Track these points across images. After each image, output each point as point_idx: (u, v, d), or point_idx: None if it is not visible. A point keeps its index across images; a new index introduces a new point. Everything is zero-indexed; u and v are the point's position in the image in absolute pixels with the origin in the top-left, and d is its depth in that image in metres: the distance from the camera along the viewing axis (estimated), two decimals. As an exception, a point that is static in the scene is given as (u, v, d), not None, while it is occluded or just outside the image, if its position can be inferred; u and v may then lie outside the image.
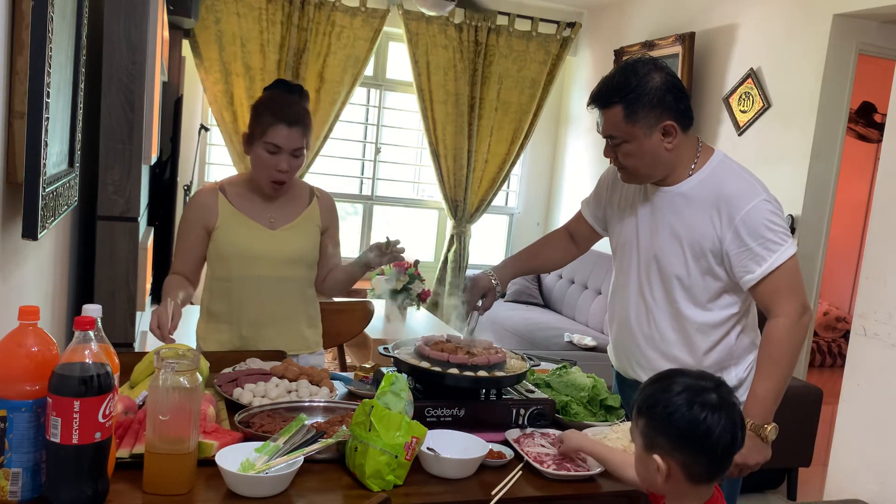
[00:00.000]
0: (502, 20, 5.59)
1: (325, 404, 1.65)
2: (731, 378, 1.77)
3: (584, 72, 5.87)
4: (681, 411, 1.19)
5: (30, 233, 1.26)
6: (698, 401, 1.19)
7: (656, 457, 1.21)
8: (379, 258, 2.00)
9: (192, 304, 2.14)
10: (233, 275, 2.05)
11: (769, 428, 1.65)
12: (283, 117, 1.96)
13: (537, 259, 2.12)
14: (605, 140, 1.77)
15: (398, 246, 1.99)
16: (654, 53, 4.77)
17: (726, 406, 1.20)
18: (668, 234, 1.76)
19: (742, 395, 1.74)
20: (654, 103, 1.66)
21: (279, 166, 1.98)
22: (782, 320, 1.67)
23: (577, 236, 2.10)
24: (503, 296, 5.52)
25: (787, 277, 1.67)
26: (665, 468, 1.20)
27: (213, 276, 2.10)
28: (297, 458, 1.29)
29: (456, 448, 1.46)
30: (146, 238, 2.56)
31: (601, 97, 1.72)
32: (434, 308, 5.74)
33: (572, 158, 5.96)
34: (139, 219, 2.36)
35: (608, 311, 1.98)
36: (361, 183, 5.82)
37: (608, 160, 1.81)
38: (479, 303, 1.97)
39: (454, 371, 1.62)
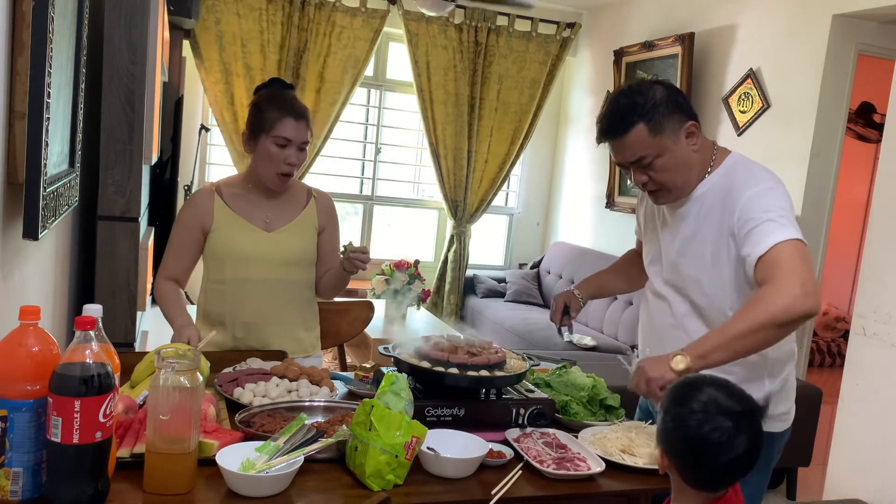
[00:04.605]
0: (502, 20, 5.59)
1: (326, 404, 1.66)
2: (761, 389, 1.68)
3: (583, 72, 5.87)
4: (687, 422, 1.17)
5: (30, 233, 1.26)
6: (709, 419, 1.16)
7: (657, 449, 1.24)
8: (346, 263, 2.02)
9: (190, 303, 2.14)
10: (227, 277, 2.05)
11: (678, 358, 1.51)
12: (290, 111, 2.00)
13: (619, 277, 2.13)
14: (630, 169, 1.71)
15: (359, 255, 1.99)
16: (654, 54, 4.77)
17: (737, 434, 1.15)
18: (690, 245, 1.72)
19: (772, 409, 1.68)
20: (672, 109, 1.64)
21: (289, 159, 2.01)
22: (772, 286, 1.51)
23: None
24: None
25: (786, 258, 1.53)
26: (663, 462, 1.23)
27: (208, 278, 2.09)
28: (298, 458, 1.30)
29: (456, 448, 1.46)
30: (147, 238, 2.56)
31: (616, 124, 1.66)
32: (434, 308, 5.74)
33: (572, 158, 5.96)
34: (140, 219, 2.36)
35: (640, 326, 1.94)
36: (361, 183, 5.83)
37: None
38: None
39: (454, 371, 1.62)
